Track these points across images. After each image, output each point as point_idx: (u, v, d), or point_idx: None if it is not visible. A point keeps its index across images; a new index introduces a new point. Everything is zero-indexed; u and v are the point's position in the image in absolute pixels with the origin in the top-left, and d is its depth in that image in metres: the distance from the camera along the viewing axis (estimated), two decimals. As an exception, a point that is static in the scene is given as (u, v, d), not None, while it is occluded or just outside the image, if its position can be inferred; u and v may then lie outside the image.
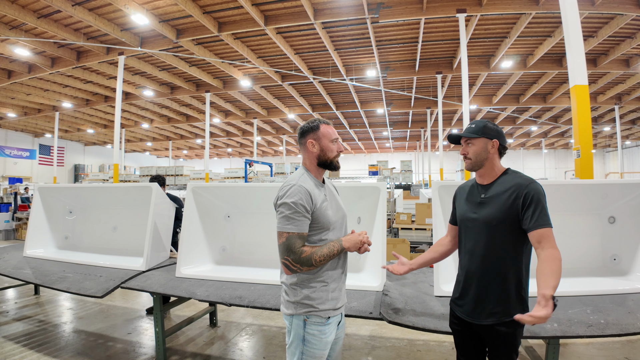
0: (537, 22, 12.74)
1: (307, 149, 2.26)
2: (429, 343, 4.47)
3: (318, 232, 2.16)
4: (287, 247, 2.05)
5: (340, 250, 2.13)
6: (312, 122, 2.29)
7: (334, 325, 2.22)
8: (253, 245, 4.39)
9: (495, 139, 2.15)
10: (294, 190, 2.08)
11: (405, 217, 9.75)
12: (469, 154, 2.19)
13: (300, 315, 2.13)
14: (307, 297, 2.12)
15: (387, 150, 44.98)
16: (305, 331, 2.12)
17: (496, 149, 2.16)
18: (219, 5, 11.95)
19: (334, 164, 2.29)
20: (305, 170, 2.28)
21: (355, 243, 2.16)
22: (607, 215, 3.50)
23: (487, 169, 2.18)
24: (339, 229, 2.27)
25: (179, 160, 51.64)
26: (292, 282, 2.15)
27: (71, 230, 5.43)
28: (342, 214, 2.33)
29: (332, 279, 2.18)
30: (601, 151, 40.69)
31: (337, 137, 2.31)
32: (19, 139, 31.29)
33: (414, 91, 19.94)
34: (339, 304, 2.21)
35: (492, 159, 2.16)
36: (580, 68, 6.25)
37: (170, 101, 23.06)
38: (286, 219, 2.06)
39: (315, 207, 2.12)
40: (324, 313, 2.13)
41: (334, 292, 2.18)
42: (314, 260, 2.05)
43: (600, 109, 23.59)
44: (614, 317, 2.62)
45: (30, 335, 4.74)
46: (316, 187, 2.20)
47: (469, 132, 2.18)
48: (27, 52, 14.47)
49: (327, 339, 2.16)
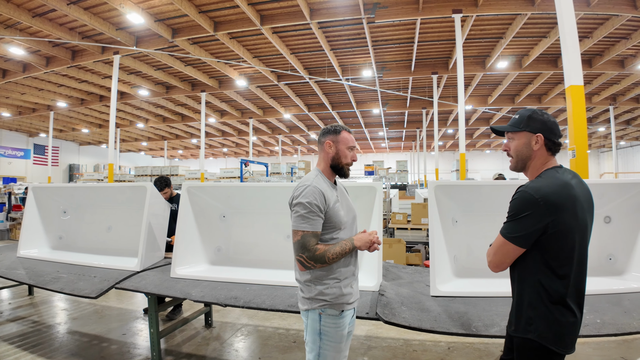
0: (533, 23, 12.77)
1: (324, 149, 2.38)
2: (425, 343, 4.47)
3: (330, 231, 2.25)
4: (301, 245, 2.15)
5: (352, 248, 2.23)
6: (336, 125, 2.41)
7: (348, 318, 2.30)
8: (248, 246, 4.38)
9: (540, 132, 1.81)
10: (309, 191, 2.17)
11: (401, 217, 9.77)
12: (510, 150, 1.90)
13: (316, 309, 2.22)
14: (321, 292, 2.21)
15: (382, 150, 45.03)
16: (322, 324, 2.21)
17: (542, 144, 1.82)
18: (214, 5, 11.91)
19: (344, 169, 2.39)
20: (319, 171, 2.37)
21: (366, 242, 2.25)
22: (602, 215, 3.50)
23: (534, 170, 1.85)
24: (349, 228, 2.36)
25: (174, 160, 51.48)
26: (307, 279, 2.25)
27: (65, 230, 5.39)
28: (353, 215, 2.43)
29: (345, 276, 2.26)
30: (596, 151, 40.90)
31: (355, 146, 2.42)
32: (14, 139, 31.10)
33: (410, 91, 19.97)
34: (352, 298, 2.29)
35: (538, 159, 1.83)
36: (575, 68, 6.26)
37: (166, 101, 22.98)
38: (301, 218, 2.15)
39: (328, 207, 2.22)
40: (338, 307, 2.22)
41: (346, 288, 2.25)
42: (327, 258, 2.15)
43: (595, 109, 23.72)
44: (609, 316, 2.63)
45: (25, 336, 4.70)
46: (329, 188, 2.30)
47: (511, 125, 1.89)
48: (22, 51, 14.40)
49: (342, 332, 2.25)
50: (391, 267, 4.19)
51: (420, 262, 7.64)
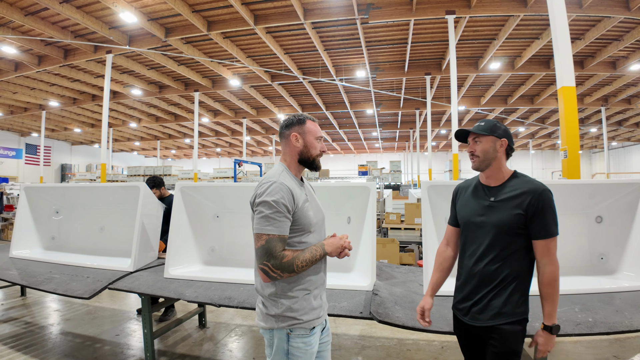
0: (525, 24, 12.86)
1: (290, 143, 2.12)
2: (418, 342, 4.49)
3: (298, 234, 2.00)
4: (266, 251, 1.87)
5: (322, 255, 2.00)
6: (298, 115, 2.16)
7: (318, 334, 2.08)
8: (242, 246, 4.36)
9: (504, 138, 2.09)
10: (274, 188, 1.91)
11: (394, 217, 9.81)
12: (476, 151, 2.11)
13: (283, 329, 1.96)
14: (289, 308, 1.95)
15: (376, 150, 45.13)
16: (290, 345, 1.97)
17: (504, 149, 2.11)
18: (208, 4, 11.88)
19: (315, 162, 2.16)
20: (284, 167, 2.11)
21: (337, 247, 2.04)
22: (594, 214, 3.54)
23: (494, 170, 2.11)
24: (318, 231, 2.13)
25: (167, 160, 51.29)
26: (271, 292, 1.98)
27: (58, 230, 5.36)
28: (321, 216, 2.19)
29: (315, 286, 2.04)
30: (588, 152, 41.22)
31: (322, 136, 2.19)
32: (5, 138, 30.85)
33: (403, 92, 20.02)
34: (322, 312, 2.08)
35: (499, 160, 2.10)
36: (567, 70, 6.30)
37: (159, 100, 22.90)
38: (266, 219, 1.88)
39: (297, 207, 1.96)
40: (308, 324, 1.98)
41: (316, 300, 2.04)
42: (296, 266, 1.89)
43: (587, 110, 23.91)
44: (601, 315, 2.66)
45: (17, 337, 4.67)
46: (297, 186, 2.05)
47: (479, 130, 2.10)
48: (14, 50, 14.30)
49: (312, 350, 2.02)
50: (385, 266, 4.21)
51: (414, 262, 7.66)
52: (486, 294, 2.05)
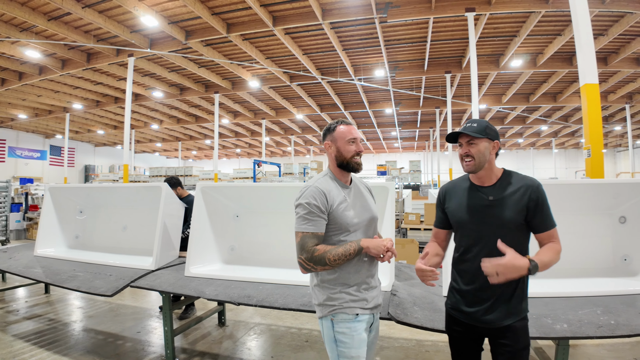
0: (547, 21, 12.62)
1: (327, 151, 2.30)
2: (437, 344, 4.45)
3: (337, 233, 2.15)
4: (300, 247, 2.08)
5: (357, 249, 2.08)
6: (331, 123, 2.31)
7: (365, 323, 2.15)
8: (261, 245, 4.40)
9: (497, 140, 2.13)
10: (309, 192, 2.12)
11: (414, 218, 9.73)
12: (472, 154, 2.09)
13: (327, 316, 2.14)
14: (329, 298, 2.13)
15: (395, 150, 44.85)
16: (335, 331, 2.11)
17: (495, 150, 2.14)
18: (227, 7, 11.98)
19: (350, 164, 2.24)
20: (328, 171, 2.31)
21: (377, 246, 2.09)
22: (617, 215, 3.46)
23: (487, 171, 2.13)
24: (363, 231, 2.22)
25: (188, 160, 51.86)
26: (315, 284, 2.21)
27: (81, 229, 5.47)
28: (368, 216, 2.27)
29: (355, 283, 2.15)
30: (612, 151, 40.24)
31: (356, 137, 2.26)
32: (30, 140, 31.60)
33: (423, 91, 19.85)
34: (367, 304, 2.16)
35: (491, 161, 2.13)
36: (590, 67, 6.18)
37: (180, 102, 23.16)
38: (301, 219, 2.10)
39: (331, 207, 2.13)
40: (350, 310, 2.10)
41: (359, 293, 2.14)
42: (328, 260, 2.03)
43: (611, 108, 23.33)
44: (624, 317, 2.59)
45: (41, 333, 4.79)
46: (337, 188, 2.21)
47: (474, 132, 2.08)
48: (38, 54, 14.62)
49: (359, 337, 2.10)
50: (404, 267, 4.18)
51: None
52: (496, 294, 2.05)
